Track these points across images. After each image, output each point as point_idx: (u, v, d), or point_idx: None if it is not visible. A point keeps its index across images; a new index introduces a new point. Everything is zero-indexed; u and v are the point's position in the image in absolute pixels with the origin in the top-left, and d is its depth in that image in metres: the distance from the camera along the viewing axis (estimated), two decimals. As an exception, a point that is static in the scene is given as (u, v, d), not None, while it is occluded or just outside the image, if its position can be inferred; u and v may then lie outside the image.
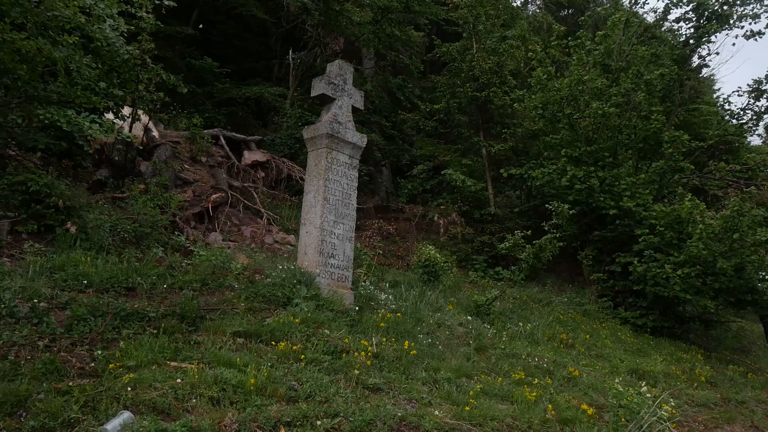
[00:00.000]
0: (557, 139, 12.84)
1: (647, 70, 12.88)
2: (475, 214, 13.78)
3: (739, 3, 12.85)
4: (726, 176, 13.21)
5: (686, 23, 13.69)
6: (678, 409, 8.04)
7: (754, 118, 13.72)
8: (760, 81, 13.09)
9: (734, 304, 12.04)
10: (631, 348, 10.44)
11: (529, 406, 5.69)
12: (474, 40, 15.01)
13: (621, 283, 12.11)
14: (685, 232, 11.05)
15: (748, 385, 10.44)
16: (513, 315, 9.95)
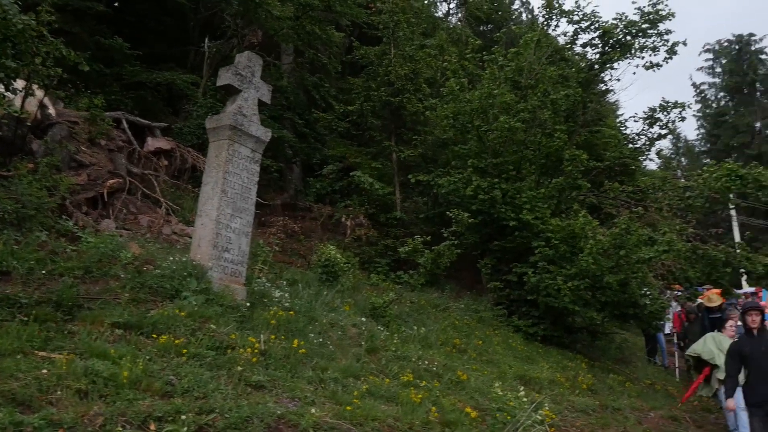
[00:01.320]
0: (465, 150, 13.20)
1: (554, 90, 13.45)
2: (382, 218, 13.95)
3: (641, 35, 13.60)
4: (619, 196, 13.93)
5: (592, 48, 14.41)
6: (558, 414, 8.43)
7: (647, 144, 14.60)
8: (654, 109, 13.93)
9: (618, 317, 12.71)
10: (521, 355, 10.85)
11: (414, 407, 5.80)
12: (392, 46, 15.22)
13: (516, 292, 12.55)
14: (578, 246, 11.60)
15: (625, 393, 11.04)
16: (409, 318, 10.14)
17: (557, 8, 14.41)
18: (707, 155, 39.12)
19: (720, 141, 39.52)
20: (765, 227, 36.39)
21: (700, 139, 43.30)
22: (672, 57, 13.78)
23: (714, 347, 9.81)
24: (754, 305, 7.75)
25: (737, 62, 40.11)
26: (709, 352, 9.93)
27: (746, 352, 7.35)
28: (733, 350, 7.71)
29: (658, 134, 14.32)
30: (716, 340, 9.85)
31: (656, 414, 10.63)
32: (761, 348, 7.30)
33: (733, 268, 12.92)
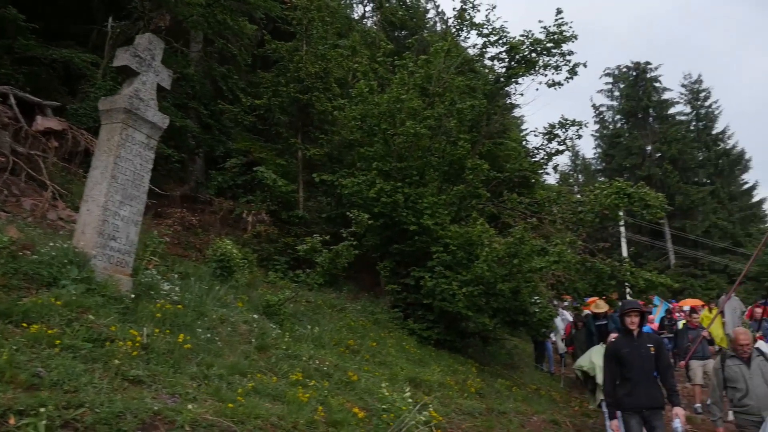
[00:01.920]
0: (371, 152, 13.26)
1: (461, 100, 13.74)
2: (284, 215, 13.78)
3: (545, 53, 14.11)
4: (517, 207, 14.39)
5: (499, 62, 14.82)
6: (445, 416, 8.57)
7: (546, 158, 15.19)
8: (554, 125, 14.51)
9: (509, 323, 13.10)
10: (414, 358, 10.97)
11: (300, 406, 5.73)
12: (305, 43, 15.11)
13: (413, 296, 12.70)
14: (474, 253, 11.88)
15: (512, 397, 11.38)
16: (304, 318, 10.05)
17: (468, 20, 14.75)
18: (602, 173, 41.19)
19: (614, 161, 41.69)
20: (650, 244, 38.65)
21: (596, 158, 45.50)
22: (573, 77, 14.37)
23: (597, 360, 10.01)
24: (634, 305, 7.22)
25: (634, 88, 42.49)
26: (590, 366, 10.30)
27: (624, 355, 6.95)
28: (609, 352, 7.33)
29: (556, 150, 14.93)
30: (600, 353, 9.97)
31: (539, 418, 11.00)
32: (640, 351, 6.93)
33: (618, 281, 13.61)
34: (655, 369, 6.89)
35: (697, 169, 40.33)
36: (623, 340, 7.13)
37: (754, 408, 7.10)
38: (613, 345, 7.28)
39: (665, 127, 40.90)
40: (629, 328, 7.03)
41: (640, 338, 7.01)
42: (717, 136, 41.58)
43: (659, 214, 12.82)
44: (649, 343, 6.99)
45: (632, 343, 6.97)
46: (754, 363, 7.34)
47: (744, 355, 7.40)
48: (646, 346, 6.93)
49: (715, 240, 37.46)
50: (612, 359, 7.13)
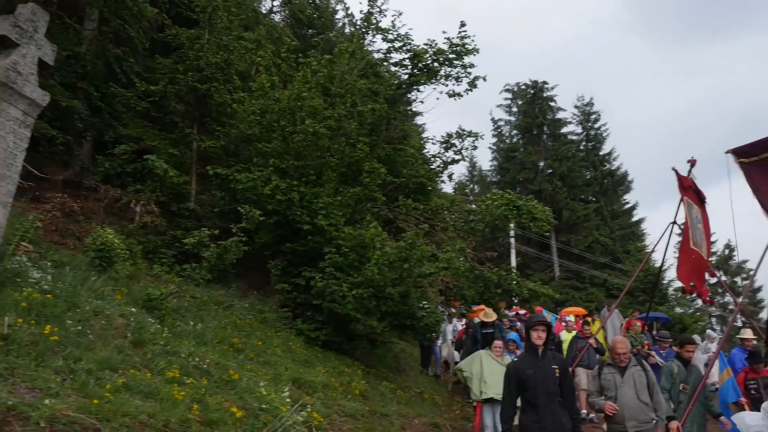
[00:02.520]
0: (269, 148, 13.05)
1: (362, 102, 13.79)
2: (174, 207, 13.29)
3: (447, 64, 14.40)
4: (412, 213, 14.59)
5: (402, 69, 14.99)
6: (327, 418, 8.55)
7: (442, 166, 15.51)
8: (451, 135, 14.85)
9: (397, 327, 13.24)
10: (300, 358, 10.88)
11: (174, 404, 5.55)
12: (207, 31, 14.68)
13: (303, 296, 12.59)
14: (366, 256, 11.92)
15: (395, 400, 11.51)
16: (188, 314, 9.74)
17: (374, 24, 14.83)
18: (497, 185, 42.56)
19: (509, 174, 43.19)
20: (537, 256, 40.30)
21: (492, 170, 46.94)
22: (472, 89, 14.76)
23: (477, 367, 10.35)
24: (541, 318, 6.62)
25: (531, 105, 44.19)
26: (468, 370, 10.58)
27: (527, 377, 6.28)
28: (510, 373, 6.55)
29: (452, 159, 15.28)
30: (483, 360, 10.41)
31: (420, 421, 11.19)
32: (545, 372, 6.27)
33: (504, 290, 14.07)
34: (559, 393, 6.31)
35: (584, 186, 42.43)
36: (527, 359, 6.49)
37: (620, 417, 7.07)
38: (515, 366, 6.60)
39: (557, 145, 42.81)
40: (535, 343, 6.40)
41: (544, 358, 6.38)
42: (604, 157, 43.92)
43: (545, 227, 13.38)
44: (555, 364, 6.39)
45: (536, 363, 6.34)
46: (628, 372, 7.30)
47: (621, 363, 7.35)
48: (551, 367, 6.32)
49: (597, 255, 39.55)
50: (513, 381, 6.41)
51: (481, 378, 10.18)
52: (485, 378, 10.14)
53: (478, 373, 10.29)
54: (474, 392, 10.41)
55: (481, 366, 10.31)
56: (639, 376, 7.29)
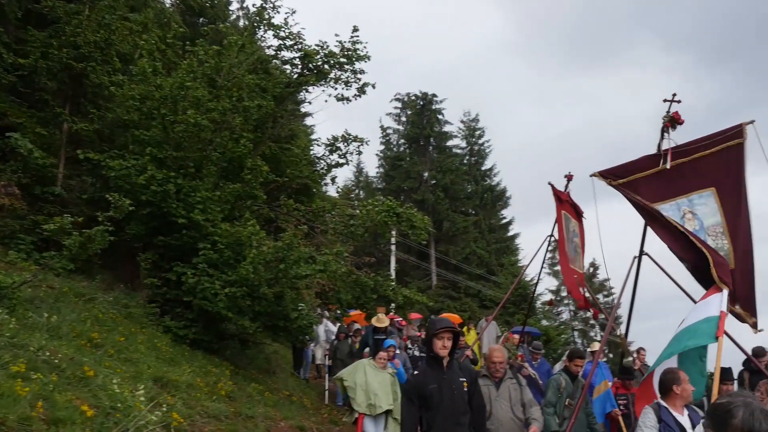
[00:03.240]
0: (147, 136, 12.50)
1: (249, 98, 13.51)
2: (37, 191, 12.43)
3: (338, 68, 14.42)
4: (293, 213, 14.44)
5: (292, 67, 14.85)
6: (188, 419, 8.29)
7: (326, 169, 15.49)
8: (337, 138, 14.86)
9: (270, 328, 13.05)
10: (165, 356, 10.48)
11: (16, 401, 5.18)
12: (88, 8, 13.87)
13: (173, 292, 12.13)
14: (242, 254, 11.67)
15: (263, 402, 11.35)
16: (43, 305, 9.12)
17: (267, 20, 14.59)
18: (382, 192, 43.01)
19: (394, 182, 43.81)
20: (416, 264, 41.14)
21: (378, 177, 47.43)
22: (361, 95, 14.85)
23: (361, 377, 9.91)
24: (448, 325, 5.52)
25: (419, 116, 45.07)
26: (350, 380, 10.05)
27: (431, 392, 5.31)
28: (411, 388, 5.57)
29: (336, 162, 15.28)
30: (366, 370, 10.03)
31: (287, 423, 11.09)
32: (452, 387, 5.36)
33: (379, 296, 14.21)
34: (468, 411, 5.41)
35: (465, 199, 43.74)
36: (430, 372, 5.43)
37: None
38: (416, 380, 5.56)
39: (442, 157, 43.91)
40: (439, 354, 5.37)
41: (450, 370, 5.40)
42: (485, 172, 45.50)
43: (423, 236, 13.66)
44: (462, 376, 5.45)
45: (441, 376, 5.34)
46: (504, 385, 6.97)
47: (497, 374, 6.99)
48: (458, 380, 5.38)
49: (473, 266, 40.89)
50: (413, 398, 5.40)
51: (367, 389, 9.77)
52: (374, 390, 9.75)
53: (363, 383, 9.85)
54: (358, 403, 9.86)
55: (365, 376, 9.91)
56: (514, 390, 6.99)
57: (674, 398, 5.59)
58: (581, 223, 11.43)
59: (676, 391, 5.57)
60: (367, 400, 9.70)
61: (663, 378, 5.76)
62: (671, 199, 8.14)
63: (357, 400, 9.79)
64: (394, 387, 10.07)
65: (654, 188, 8.22)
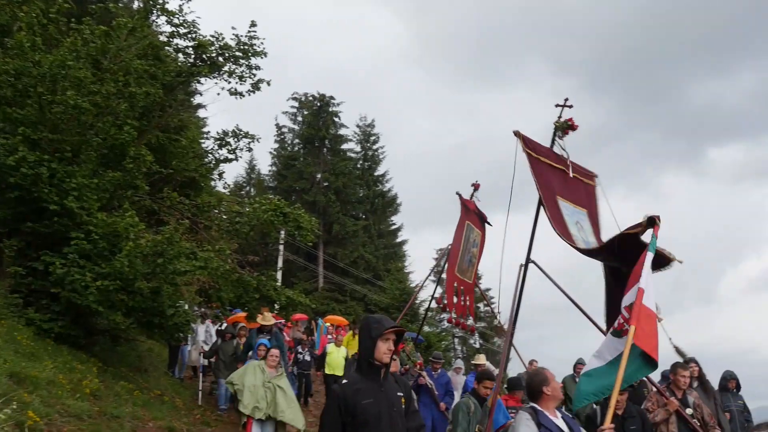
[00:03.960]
0: (20, 115, 11.68)
1: (136, 83, 12.95)
2: None
3: (232, 61, 14.09)
4: (177, 206, 13.95)
5: (185, 57, 14.37)
6: (46, 418, 7.86)
7: (214, 163, 15.09)
8: (227, 133, 14.52)
9: (145, 324, 12.57)
10: (26, 351, 9.83)
11: None
12: (-39, -27, 12.84)
13: (39, 282, 11.39)
14: (118, 246, 11.15)
15: (131, 401, 10.91)
16: None
17: (161, 4, 14.05)
18: (274, 191, 42.52)
19: (286, 182, 43.47)
20: (304, 266, 40.96)
21: (271, 176, 46.86)
22: (255, 91, 14.58)
23: (250, 379, 9.69)
24: (395, 326, 4.54)
25: (316, 117, 44.96)
26: (239, 382, 9.80)
27: (365, 408, 4.26)
28: (338, 403, 4.34)
29: (225, 157, 14.92)
30: (256, 372, 9.83)
31: (156, 424, 10.74)
32: (390, 401, 4.38)
33: (262, 296, 14.00)
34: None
35: (356, 203, 44.06)
36: (363, 382, 4.38)
37: None
38: (344, 392, 4.33)
39: (336, 160, 44.01)
40: (383, 360, 4.39)
41: (386, 381, 4.45)
42: (378, 178, 46.01)
43: (309, 237, 13.58)
44: (400, 391, 4.55)
45: (378, 389, 4.35)
46: None
47: None
48: (396, 395, 4.45)
49: (360, 271, 41.21)
50: (340, 414, 4.30)
51: (255, 391, 9.57)
52: (262, 393, 9.57)
53: (251, 385, 9.63)
54: (244, 404, 9.59)
55: (254, 378, 9.69)
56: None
57: (546, 400, 5.21)
58: (483, 234, 11.62)
59: (546, 392, 5.18)
60: (254, 403, 9.48)
61: (530, 381, 5.40)
62: (569, 201, 7.77)
63: (243, 401, 9.58)
64: (287, 392, 9.93)
65: (557, 181, 7.90)
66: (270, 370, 9.95)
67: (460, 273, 11.66)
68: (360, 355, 4.61)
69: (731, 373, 10.67)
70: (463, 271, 11.73)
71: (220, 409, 14.12)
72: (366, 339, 4.46)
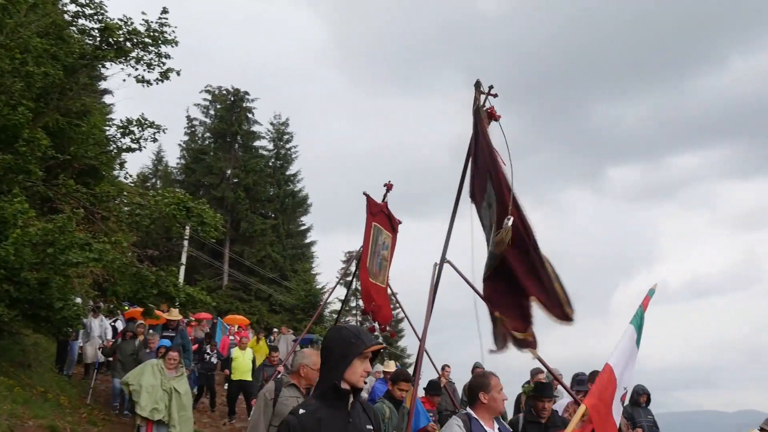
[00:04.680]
0: None
1: (35, 62, 12.26)
2: None
3: (141, 47, 13.55)
4: (73, 194, 13.27)
5: (90, 39, 13.70)
6: None
7: (116, 152, 14.46)
8: (131, 121, 13.94)
9: (31, 317, 11.92)
10: None
11: None
12: None
13: None
14: (5, 233, 10.50)
15: (10, 399, 10.34)
16: None
17: (66, -19, 13.36)
18: (181, 185, 41.32)
19: (194, 175, 42.32)
20: (209, 263, 40.00)
21: (179, 169, 45.49)
22: (164, 80, 14.07)
23: (148, 379, 9.24)
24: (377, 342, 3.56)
25: (229, 111, 44.00)
26: (136, 383, 9.33)
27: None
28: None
29: (128, 146, 14.33)
30: (154, 372, 9.41)
31: (36, 423, 10.22)
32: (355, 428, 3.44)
33: (161, 292, 13.52)
34: None
35: (266, 202, 43.39)
36: (327, 412, 3.37)
37: None
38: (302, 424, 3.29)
39: (248, 157, 43.22)
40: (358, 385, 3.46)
41: (354, 410, 3.51)
42: (289, 177, 45.48)
43: (212, 234, 13.21)
44: (369, 423, 3.61)
45: (346, 420, 3.40)
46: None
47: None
48: (366, 428, 3.55)
49: (267, 270, 40.65)
50: None
51: (153, 392, 9.16)
52: (160, 395, 9.18)
53: (149, 386, 9.20)
54: (141, 406, 9.14)
55: (153, 378, 9.28)
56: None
57: (482, 409, 4.63)
58: (394, 236, 11.56)
59: (482, 399, 4.55)
60: (152, 404, 9.05)
61: (470, 384, 4.90)
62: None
63: (140, 403, 9.10)
64: (182, 397, 9.54)
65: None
66: (169, 371, 9.57)
67: (373, 278, 11.60)
68: (324, 375, 3.53)
69: (643, 388, 10.57)
70: (375, 275, 11.68)
71: (113, 407, 13.56)
72: (336, 356, 3.44)
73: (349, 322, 41.99)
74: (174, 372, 9.64)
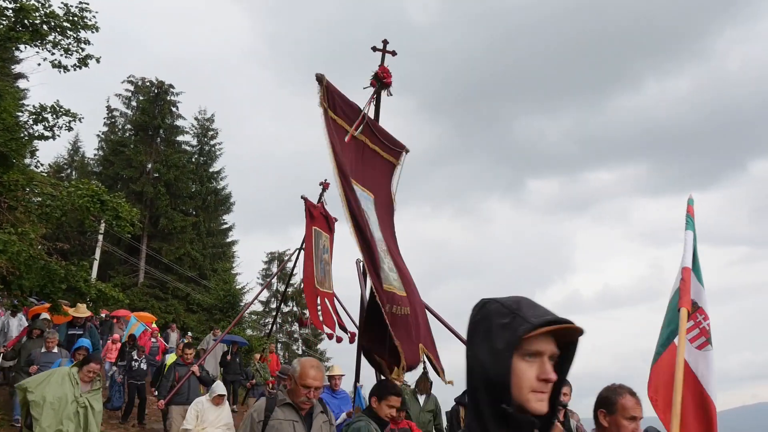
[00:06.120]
0: None
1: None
2: None
3: (59, 31, 12.98)
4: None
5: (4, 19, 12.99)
6: None
7: (27, 139, 13.75)
8: (44, 108, 13.29)
9: None
10: None
11: None
12: None
13: None
14: None
15: None
16: None
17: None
18: (98, 177, 39.79)
19: (113, 168, 40.85)
20: (125, 258, 38.69)
21: (96, 160, 43.84)
22: (82, 66, 13.52)
23: (53, 391, 7.16)
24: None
25: (152, 104, 42.68)
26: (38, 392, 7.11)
27: None
28: None
29: (41, 134, 13.66)
30: (64, 382, 7.32)
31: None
32: None
33: (70, 287, 12.96)
34: None
35: (187, 198, 42.29)
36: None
37: None
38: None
39: (170, 151, 42.00)
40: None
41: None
42: (212, 174, 44.50)
43: (127, 228, 12.76)
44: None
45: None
46: (317, 422, 4.66)
47: (305, 405, 4.58)
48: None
49: (185, 268, 39.65)
50: None
51: (59, 409, 7.12)
52: (68, 412, 7.18)
53: (54, 400, 7.12)
54: (42, 427, 6.98)
55: (61, 389, 7.24)
56: (326, 429, 4.80)
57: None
58: (332, 236, 11.41)
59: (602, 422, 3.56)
60: (57, 424, 7.09)
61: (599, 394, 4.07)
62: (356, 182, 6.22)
63: (42, 423, 7.02)
64: (96, 416, 7.55)
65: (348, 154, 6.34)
66: (84, 383, 7.55)
67: (320, 285, 11.43)
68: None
69: None
70: (321, 282, 11.52)
71: (14, 420, 12.37)
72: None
73: (267, 323, 41.71)
74: (89, 386, 7.65)
